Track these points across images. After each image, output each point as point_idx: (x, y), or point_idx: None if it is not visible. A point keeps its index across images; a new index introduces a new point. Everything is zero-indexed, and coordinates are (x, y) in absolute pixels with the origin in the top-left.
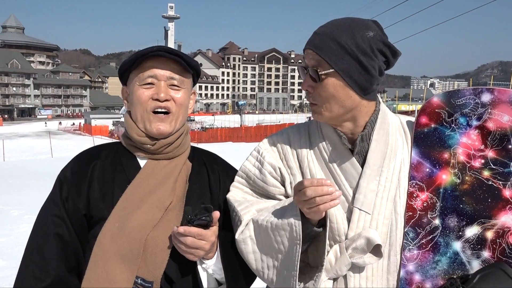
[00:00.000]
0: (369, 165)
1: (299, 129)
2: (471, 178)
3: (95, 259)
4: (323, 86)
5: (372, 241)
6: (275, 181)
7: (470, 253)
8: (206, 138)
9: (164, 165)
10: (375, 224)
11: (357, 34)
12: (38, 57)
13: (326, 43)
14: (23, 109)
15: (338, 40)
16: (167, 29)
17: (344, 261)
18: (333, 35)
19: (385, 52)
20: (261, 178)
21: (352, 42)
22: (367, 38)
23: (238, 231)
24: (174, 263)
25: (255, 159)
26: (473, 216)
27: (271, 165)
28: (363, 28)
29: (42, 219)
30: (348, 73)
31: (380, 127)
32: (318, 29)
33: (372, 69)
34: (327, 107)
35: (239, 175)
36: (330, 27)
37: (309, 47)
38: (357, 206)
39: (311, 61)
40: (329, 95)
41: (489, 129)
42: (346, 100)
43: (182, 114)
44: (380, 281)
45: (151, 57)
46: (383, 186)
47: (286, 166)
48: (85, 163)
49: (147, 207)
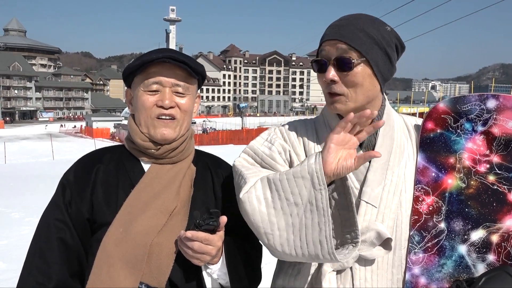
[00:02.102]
0: (376, 159)
1: (305, 122)
2: (477, 183)
3: (99, 264)
4: (352, 75)
5: (382, 235)
6: (283, 162)
7: (476, 257)
8: (207, 140)
9: (168, 169)
10: (381, 218)
11: (380, 27)
12: (39, 60)
13: (355, 33)
14: (24, 111)
15: (366, 31)
16: (169, 32)
17: (352, 253)
18: (360, 26)
19: (398, 47)
20: (270, 155)
21: (378, 33)
22: (388, 32)
23: (242, 190)
24: (179, 269)
25: (264, 139)
26: (478, 220)
27: (282, 146)
28: (381, 23)
29: (45, 223)
30: (377, 62)
31: (386, 122)
32: (338, 21)
33: (394, 60)
34: (352, 97)
35: (245, 152)
36: (353, 19)
37: (336, 38)
38: (364, 199)
39: (338, 51)
40: (357, 83)
41: (494, 134)
42: (371, 89)
43: (187, 120)
44: (385, 274)
45: (157, 63)
46: (389, 180)
47: (294, 153)
48: (88, 167)
49: (151, 212)
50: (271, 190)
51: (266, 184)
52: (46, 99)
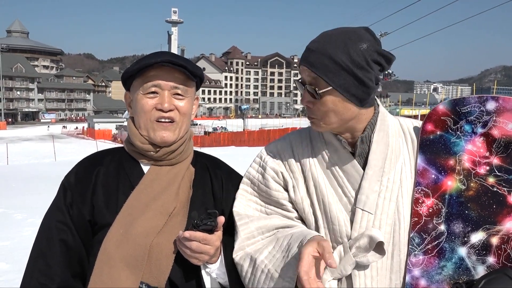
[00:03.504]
0: (370, 166)
1: (300, 134)
2: (476, 185)
3: (100, 265)
4: (322, 103)
5: (374, 239)
6: (277, 186)
7: (475, 259)
8: (209, 142)
9: (167, 171)
10: (378, 224)
11: (351, 49)
12: (42, 61)
13: (321, 60)
14: (27, 113)
15: (332, 57)
16: (171, 34)
17: (348, 260)
18: (327, 52)
19: (379, 61)
20: (264, 183)
21: (346, 58)
22: (361, 51)
23: (234, 249)
24: (179, 268)
25: (258, 165)
26: (478, 222)
27: (273, 170)
28: (356, 41)
29: (47, 225)
30: (346, 88)
31: (380, 129)
32: (311, 44)
33: (369, 81)
34: (326, 121)
35: (243, 182)
36: (323, 43)
37: (305, 65)
38: (360, 206)
39: (308, 78)
40: (328, 110)
41: (494, 136)
42: (345, 113)
43: (186, 123)
44: (384, 280)
45: (156, 66)
46: (385, 187)
47: (288, 170)
48: (89, 169)
49: (151, 213)
50: (255, 274)
51: (253, 267)
52: (48, 101)
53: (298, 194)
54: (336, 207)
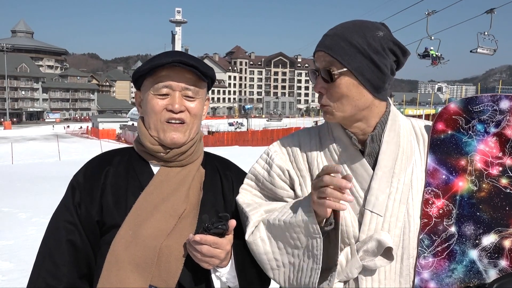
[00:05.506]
0: (380, 166)
1: (309, 132)
2: (489, 186)
3: (109, 267)
4: (336, 86)
5: (383, 244)
6: (283, 184)
7: (487, 262)
8: (213, 142)
9: (177, 172)
10: (387, 227)
11: (368, 34)
12: (46, 61)
13: (338, 43)
14: (31, 112)
15: (349, 40)
16: (174, 34)
17: (355, 263)
18: (344, 35)
19: (395, 51)
20: (269, 180)
21: (363, 41)
22: (378, 38)
23: (247, 232)
24: (188, 272)
25: (264, 162)
26: (490, 224)
27: (279, 168)
28: (372, 29)
29: (54, 225)
30: (361, 71)
31: (390, 128)
32: (328, 31)
33: (384, 67)
34: (339, 107)
35: (248, 177)
36: (340, 28)
37: (321, 49)
38: (369, 208)
39: (323, 63)
40: (342, 94)
41: (508, 136)
42: (359, 99)
43: (196, 124)
44: (392, 284)
45: (167, 66)
46: (395, 188)
47: (295, 168)
48: (98, 169)
49: (160, 215)
50: (273, 232)
51: (268, 226)
52: (53, 100)
53: (305, 192)
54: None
